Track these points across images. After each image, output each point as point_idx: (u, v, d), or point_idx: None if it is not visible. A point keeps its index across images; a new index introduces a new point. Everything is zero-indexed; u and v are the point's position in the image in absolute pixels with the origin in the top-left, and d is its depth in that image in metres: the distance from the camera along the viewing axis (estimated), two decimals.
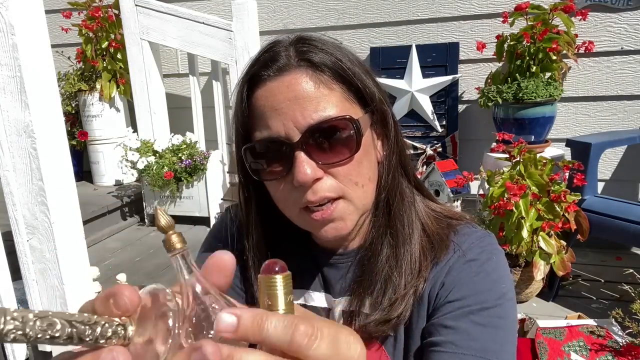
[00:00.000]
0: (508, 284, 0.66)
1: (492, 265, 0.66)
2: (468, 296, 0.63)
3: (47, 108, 1.47)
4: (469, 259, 0.65)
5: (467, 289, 0.63)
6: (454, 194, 2.42)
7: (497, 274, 0.65)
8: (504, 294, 0.64)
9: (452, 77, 2.71)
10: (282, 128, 0.58)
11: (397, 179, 0.66)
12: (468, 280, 0.64)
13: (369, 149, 0.62)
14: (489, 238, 0.69)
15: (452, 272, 0.65)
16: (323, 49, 0.60)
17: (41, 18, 1.45)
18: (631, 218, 1.93)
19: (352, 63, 0.61)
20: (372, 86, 0.62)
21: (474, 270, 0.64)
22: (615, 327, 1.68)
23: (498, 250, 0.68)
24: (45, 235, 1.51)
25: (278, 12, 3.00)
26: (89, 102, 3.05)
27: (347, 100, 0.60)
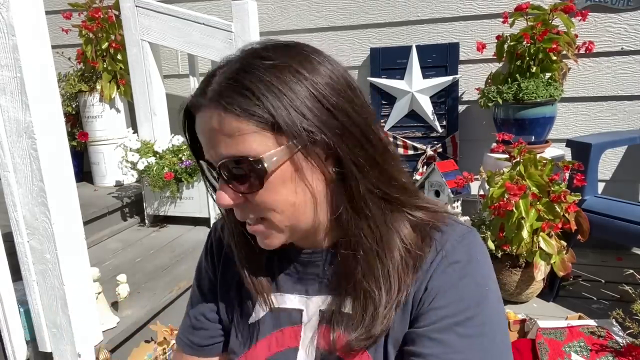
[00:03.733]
0: (491, 282, 0.66)
1: (475, 266, 0.65)
2: (452, 304, 0.63)
3: (47, 109, 1.47)
4: (451, 262, 0.65)
5: (451, 296, 0.63)
6: (454, 195, 2.43)
7: (480, 275, 0.65)
8: (487, 296, 0.64)
9: (452, 78, 2.71)
10: (209, 156, 0.63)
11: (359, 198, 0.63)
12: (451, 285, 0.64)
13: (290, 177, 0.62)
14: (470, 235, 0.68)
15: (435, 276, 0.64)
16: (245, 84, 0.59)
17: (42, 19, 1.45)
18: (631, 218, 1.93)
19: (271, 93, 0.58)
20: (303, 116, 0.59)
21: (457, 274, 0.64)
22: (616, 327, 1.67)
23: (480, 248, 0.68)
24: (46, 236, 1.51)
25: (278, 13, 3.01)
26: (90, 103, 3.05)
27: (263, 135, 0.59)
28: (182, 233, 2.73)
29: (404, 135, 2.84)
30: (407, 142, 2.82)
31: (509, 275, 2.13)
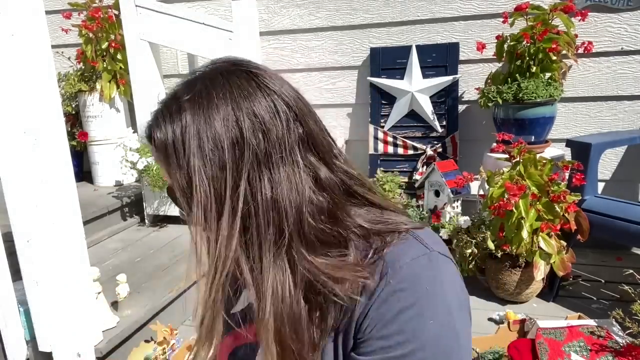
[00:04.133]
0: (442, 314, 0.61)
1: (422, 296, 0.60)
2: (391, 336, 0.59)
3: (47, 108, 1.47)
4: (396, 289, 0.60)
5: (391, 327, 0.59)
6: (454, 194, 2.43)
7: (426, 306, 0.60)
8: (431, 330, 0.60)
9: (452, 78, 2.71)
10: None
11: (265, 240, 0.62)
12: (392, 316, 0.60)
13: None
14: (424, 259, 0.63)
15: (377, 304, 0.61)
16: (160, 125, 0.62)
17: (42, 19, 1.45)
18: (631, 218, 1.93)
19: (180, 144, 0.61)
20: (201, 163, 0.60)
21: (400, 304, 0.60)
22: (616, 327, 1.68)
23: (434, 273, 0.62)
24: (46, 235, 1.51)
25: (278, 13, 3.01)
26: (89, 103, 3.05)
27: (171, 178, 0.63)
28: (182, 233, 2.73)
29: (404, 135, 2.84)
30: (407, 141, 2.82)
31: (509, 275, 2.13)
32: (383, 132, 2.86)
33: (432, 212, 2.50)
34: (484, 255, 2.22)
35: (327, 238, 0.64)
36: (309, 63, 3.01)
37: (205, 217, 0.61)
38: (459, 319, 0.62)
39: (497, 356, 1.63)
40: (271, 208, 0.60)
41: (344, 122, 3.04)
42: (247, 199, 0.60)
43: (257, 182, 0.60)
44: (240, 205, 0.60)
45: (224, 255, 0.61)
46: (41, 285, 1.55)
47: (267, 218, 0.60)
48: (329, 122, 3.05)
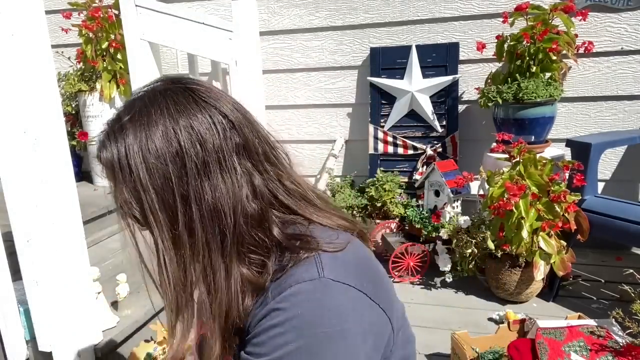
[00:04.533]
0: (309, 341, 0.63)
1: (291, 320, 0.64)
2: (258, 345, 0.65)
3: (47, 108, 1.47)
4: (274, 307, 0.65)
5: (260, 338, 0.65)
6: (454, 194, 2.43)
7: (293, 331, 0.63)
8: (290, 353, 0.63)
9: (452, 78, 2.71)
10: None
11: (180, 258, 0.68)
12: (263, 330, 0.65)
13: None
14: (308, 285, 0.65)
15: (259, 314, 0.67)
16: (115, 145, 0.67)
17: (41, 18, 1.45)
18: (631, 218, 1.93)
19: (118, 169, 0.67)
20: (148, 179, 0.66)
21: (272, 321, 0.65)
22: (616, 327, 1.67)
23: (313, 302, 0.65)
24: (46, 235, 1.51)
25: (278, 13, 3.01)
26: (89, 103, 3.05)
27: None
28: None
29: (404, 135, 2.83)
30: (407, 141, 2.82)
31: (509, 275, 2.13)
32: (383, 132, 2.86)
33: (432, 212, 2.50)
34: (484, 255, 2.22)
35: (255, 246, 0.69)
36: (308, 63, 3.01)
37: (156, 226, 0.67)
38: (329, 349, 0.64)
39: (497, 356, 1.63)
40: (213, 212, 0.66)
41: (344, 122, 3.04)
42: (191, 205, 0.65)
43: (199, 189, 0.65)
44: (185, 211, 0.65)
45: (176, 259, 0.67)
46: (41, 285, 1.55)
47: (211, 221, 0.66)
48: (329, 122, 3.05)
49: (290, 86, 3.08)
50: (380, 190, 2.65)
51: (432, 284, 2.40)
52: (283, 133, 3.14)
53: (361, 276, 0.70)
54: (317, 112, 3.07)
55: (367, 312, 0.68)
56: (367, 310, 0.68)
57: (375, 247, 2.64)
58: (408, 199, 2.70)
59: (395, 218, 2.67)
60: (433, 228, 2.41)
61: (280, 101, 3.10)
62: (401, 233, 2.64)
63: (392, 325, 0.74)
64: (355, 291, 0.67)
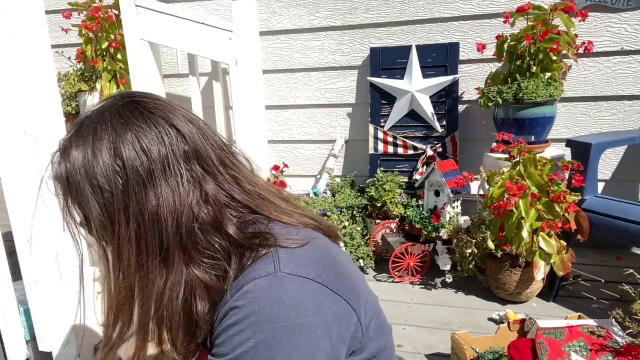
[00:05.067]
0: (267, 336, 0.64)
1: (249, 316, 0.65)
2: (220, 345, 0.67)
3: (47, 108, 1.47)
4: (232, 306, 0.67)
5: (221, 338, 0.67)
6: (454, 194, 2.43)
7: (251, 327, 0.65)
8: (249, 349, 0.64)
9: (452, 78, 2.71)
10: None
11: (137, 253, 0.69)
12: (224, 329, 0.67)
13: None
14: (264, 280, 0.67)
15: (221, 313, 0.68)
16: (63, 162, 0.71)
17: (42, 18, 1.45)
18: (631, 218, 1.93)
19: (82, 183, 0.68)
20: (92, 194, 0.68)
21: (231, 319, 0.66)
22: (616, 327, 1.67)
23: (272, 295, 0.66)
24: (46, 235, 1.51)
25: (278, 13, 3.01)
26: (89, 103, 3.05)
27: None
28: None
29: (404, 134, 2.83)
30: (407, 141, 2.82)
31: (509, 275, 2.13)
32: (383, 132, 2.86)
33: (432, 212, 2.50)
34: (484, 255, 2.22)
35: (207, 250, 0.70)
36: (308, 63, 3.01)
37: (101, 236, 0.69)
38: (289, 341, 0.65)
39: (497, 356, 1.63)
40: (155, 220, 0.67)
41: (343, 122, 3.04)
42: (135, 216, 0.66)
43: (142, 199, 0.66)
44: (128, 222, 0.67)
45: (119, 267, 0.69)
46: (41, 285, 1.55)
47: (152, 229, 0.67)
48: (329, 122, 3.05)
49: (290, 86, 3.08)
50: (380, 190, 2.65)
51: (432, 284, 2.40)
52: (283, 133, 3.14)
53: (321, 269, 0.71)
54: (317, 112, 3.07)
55: (328, 304, 0.69)
56: (327, 301, 0.69)
57: (375, 247, 2.64)
58: (408, 199, 2.70)
59: (395, 218, 2.67)
60: (433, 228, 2.41)
61: (280, 101, 3.10)
62: (401, 233, 2.64)
63: (357, 316, 0.74)
64: (314, 283, 0.68)
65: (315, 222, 0.81)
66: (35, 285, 1.56)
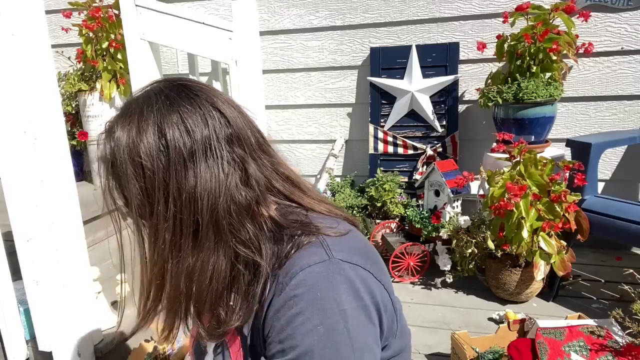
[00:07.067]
0: (333, 322, 0.64)
1: (312, 303, 0.64)
2: (285, 340, 0.64)
3: (47, 108, 1.47)
4: (290, 295, 0.65)
5: (285, 332, 0.65)
6: (454, 194, 2.43)
7: (318, 313, 0.64)
8: (320, 336, 0.63)
9: (452, 77, 2.71)
10: None
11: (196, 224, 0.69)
12: (286, 322, 0.65)
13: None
14: (319, 267, 0.66)
15: (276, 304, 0.66)
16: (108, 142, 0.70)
17: (42, 18, 1.45)
18: (631, 218, 1.93)
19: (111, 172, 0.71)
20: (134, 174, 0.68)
21: (292, 310, 0.65)
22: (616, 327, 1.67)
23: (327, 281, 0.66)
24: (46, 235, 1.50)
25: (278, 13, 3.01)
26: (89, 102, 3.05)
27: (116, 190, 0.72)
28: None
29: (404, 134, 2.83)
30: (407, 141, 2.82)
31: (509, 275, 2.13)
32: (383, 132, 2.86)
33: (432, 212, 2.50)
34: (484, 255, 2.22)
35: (241, 233, 0.69)
36: (308, 63, 3.01)
37: (141, 216, 0.70)
38: (353, 325, 0.65)
39: (497, 356, 1.63)
40: (192, 200, 0.67)
41: (344, 122, 3.04)
42: (174, 195, 0.67)
43: (182, 179, 0.67)
44: (169, 201, 0.67)
45: (155, 247, 0.70)
46: (41, 285, 1.55)
47: (189, 209, 0.67)
48: (329, 122, 3.05)
49: (290, 86, 3.08)
50: (380, 190, 2.65)
51: (432, 284, 2.40)
52: (283, 133, 3.14)
53: (365, 258, 0.71)
54: (317, 112, 3.07)
55: (377, 291, 0.70)
56: (376, 289, 0.70)
57: (375, 246, 2.63)
58: (408, 199, 2.70)
59: (395, 218, 2.67)
60: (433, 228, 2.41)
61: (280, 101, 3.10)
62: (401, 233, 2.64)
63: (394, 307, 0.76)
64: (363, 270, 0.69)
65: (343, 214, 0.82)
66: (35, 285, 1.56)
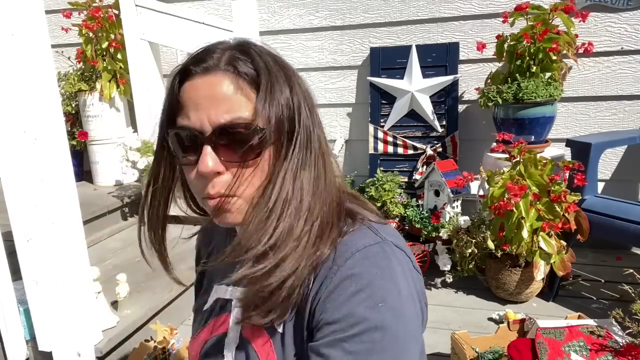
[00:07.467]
0: (392, 298, 0.62)
1: (372, 281, 0.62)
2: (342, 319, 0.60)
3: (47, 108, 1.47)
4: (348, 274, 0.62)
5: (342, 311, 0.61)
6: (454, 194, 2.43)
7: (376, 289, 0.62)
8: (382, 312, 0.61)
9: (452, 77, 2.71)
10: (197, 121, 0.64)
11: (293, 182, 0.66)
12: (344, 300, 0.61)
13: (270, 155, 0.66)
14: (375, 247, 0.65)
15: (330, 286, 0.63)
16: (254, 59, 0.66)
17: (42, 18, 1.45)
18: (631, 218, 1.93)
19: (273, 78, 0.65)
20: (284, 103, 0.65)
21: (351, 288, 0.62)
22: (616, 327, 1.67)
23: (384, 261, 0.64)
24: (45, 235, 1.51)
25: (278, 13, 3.01)
26: (89, 102, 3.05)
27: (262, 110, 0.64)
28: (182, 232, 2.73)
29: (404, 134, 2.83)
30: (406, 141, 2.82)
31: (509, 274, 2.13)
32: (383, 132, 2.86)
33: (432, 212, 2.50)
34: (484, 255, 2.22)
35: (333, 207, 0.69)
36: (308, 63, 3.01)
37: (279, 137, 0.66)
38: (407, 306, 0.64)
39: (496, 356, 1.63)
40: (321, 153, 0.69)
41: (344, 122, 3.04)
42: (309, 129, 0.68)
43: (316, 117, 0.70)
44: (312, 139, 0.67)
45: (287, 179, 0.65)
46: (41, 285, 1.55)
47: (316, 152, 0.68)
48: (329, 122, 3.05)
49: None
50: (380, 190, 2.65)
51: (432, 284, 2.40)
52: None
53: (406, 247, 0.71)
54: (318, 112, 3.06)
55: (418, 278, 0.70)
56: (417, 276, 0.70)
57: None
58: (408, 199, 2.70)
59: (395, 218, 2.67)
60: (433, 228, 2.41)
61: None
62: (401, 233, 2.64)
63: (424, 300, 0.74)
64: (408, 258, 0.69)
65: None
66: (35, 285, 1.56)
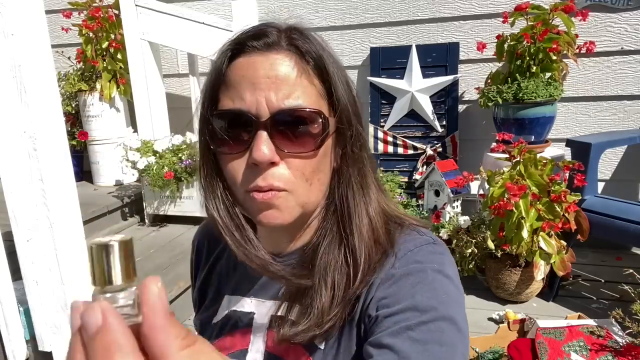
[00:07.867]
0: (451, 291, 0.61)
1: (430, 275, 0.61)
2: (406, 309, 0.58)
3: (47, 108, 1.47)
4: (406, 272, 0.61)
5: (405, 302, 0.58)
6: (454, 194, 2.43)
7: (438, 283, 0.60)
8: (446, 303, 0.59)
9: (452, 77, 2.71)
10: (254, 103, 0.57)
11: (350, 187, 0.64)
12: (406, 292, 0.59)
13: (327, 152, 0.62)
14: (432, 246, 0.65)
15: (386, 285, 0.61)
16: (313, 43, 0.62)
17: (41, 18, 1.45)
18: (631, 218, 1.93)
19: (334, 66, 0.62)
20: (345, 95, 0.62)
21: (411, 280, 0.60)
22: (615, 327, 1.68)
23: (440, 259, 0.64)
24: (46, 235, 1.51)
25: (278, 13, 3.00)
26: (89, 102, 3.05)
27: (322, 98, 0.61)
28: (182, 232, 2.73)
29: (404, 134, 2.83)
30: (407, 141, 2.82)
31: (509, 274, 2.13)
32: (383, 132, 2.86)
33: (432, 211, 2.50)
34: (484, 255, 2.22)
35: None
36: None
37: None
38: (463, 303, 0.64)
39: (497, 356, 1.63)
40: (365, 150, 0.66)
41: None
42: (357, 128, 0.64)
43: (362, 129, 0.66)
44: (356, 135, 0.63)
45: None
46: (41, 285, 1.55)
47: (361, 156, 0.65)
48: None
49: None
50: None
51: None
52: None
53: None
54: None
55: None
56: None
57: None
58: (408, 199, 2.70)
59: None
60: (433, 228, 2.41)
61: None
62: None
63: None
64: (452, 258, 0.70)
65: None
66: (35, 285, 1.56)
